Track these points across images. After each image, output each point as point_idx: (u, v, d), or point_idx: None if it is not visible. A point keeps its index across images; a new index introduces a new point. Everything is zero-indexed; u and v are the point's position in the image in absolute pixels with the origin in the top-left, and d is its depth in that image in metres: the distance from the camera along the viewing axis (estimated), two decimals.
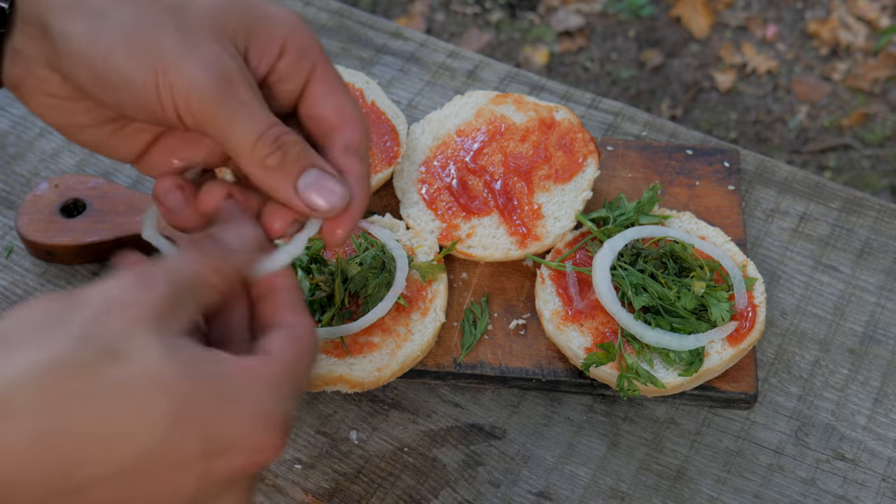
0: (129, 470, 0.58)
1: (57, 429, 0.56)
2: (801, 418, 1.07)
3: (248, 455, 0.62)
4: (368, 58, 1.40)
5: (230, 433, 0.61)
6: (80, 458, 0.57)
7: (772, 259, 1.20)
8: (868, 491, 1.02)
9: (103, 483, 0.58)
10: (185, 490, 0.60)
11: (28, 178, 1.25)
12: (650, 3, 3.27)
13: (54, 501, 0.57)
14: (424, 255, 1.11)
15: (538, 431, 1.06)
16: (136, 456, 0.58)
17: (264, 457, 0.63)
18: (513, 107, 1.23)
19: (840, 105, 3.02)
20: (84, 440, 0.57)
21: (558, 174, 1.17)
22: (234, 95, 0.70)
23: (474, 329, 1.09)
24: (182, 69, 0.69)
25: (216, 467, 0.61)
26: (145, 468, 0.58)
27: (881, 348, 1.13)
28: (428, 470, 1.03)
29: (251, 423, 0.62)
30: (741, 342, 1.04)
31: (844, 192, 1.26)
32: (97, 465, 0.57)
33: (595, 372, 1.03)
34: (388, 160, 1.18)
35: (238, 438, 0.61)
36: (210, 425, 0.60)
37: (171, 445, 0.59)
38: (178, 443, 0.59)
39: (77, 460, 0.57)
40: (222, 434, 0.61)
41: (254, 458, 0.63)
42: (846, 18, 3.22)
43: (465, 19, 3.26)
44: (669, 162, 1.24)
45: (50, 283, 1.16)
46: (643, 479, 1.03)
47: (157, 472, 0.59)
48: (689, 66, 3.12)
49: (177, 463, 0.59)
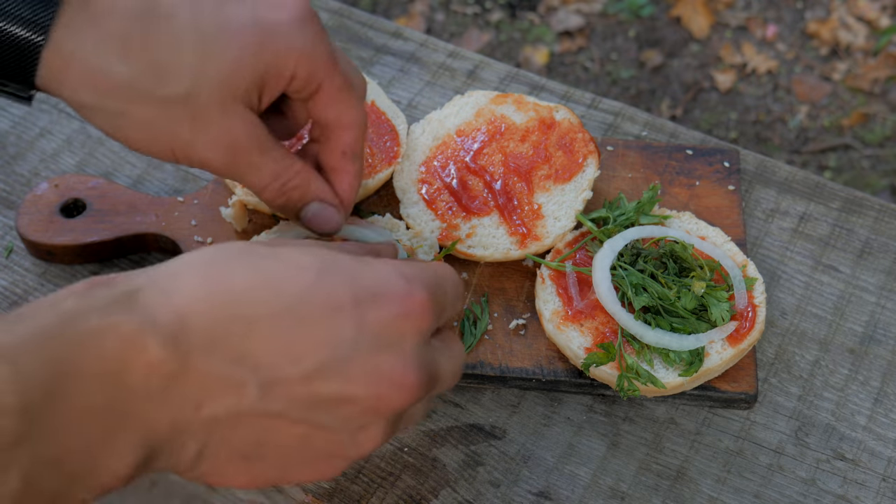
0: (288, 310, 0.65)
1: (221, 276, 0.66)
2: (801, 418, 1.07)
3: (398, 304, 0.68)
4: (368, 58, 1.40)
5: (376, 283, 0.69)
6: (242, 299, 0.65)
7: (772, 259, 1.20)
8: (868, 491, 1.02)
9: (268, 321, 0.65)
10: (346, 334, 0.66)
11: (28, 178, 1.25)
12: (650, 3, 3.27)
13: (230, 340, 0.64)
14: (424, 255, 1.11)
15: (538, 431, 1.06)
16: (292, 297, 0.65)
17: (414, 306, 0.69)
18: (513, 107, 1.23)
19: (840, 105, 3.02)
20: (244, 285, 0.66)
21: (558, 174, 1.17)
22: (242, 160, 0.85)
23: (474, 329, 1.09)
24: (195, 150, 0.83)
25: (370, 316, 0.67)
26: (302, 310, 0.65)
27: (881, 348, 1.13)
28: (428, 470, 1.03)
29: (395, 276, 0.70)
30: (741, 342, 1.04)
31: (844, 192, 1.26)
32: (258, 304, 0.65)
33: (595, 372, 1.03)
34: (388, 160, 1.18)
35: (384, 287, 0.69)
36: (355, 276, 0.69)
37: (323, 290, 0.67)
38: (328, 288, 0.67)
39: (240, 300, 0.65)
40: (368, 284, 0.68)
41: (405, 307, 0.68)
42: (846, 18, 3.22)
43: (465, 19, 3.26)
44: (669, 162, 1.24)
45: (50, 283, 1.16)
46: (643, 479, 1.03)
47: (315, 313, 0.66)
48: (689, 66, 3.12)
49: (332, 306, 0.66)
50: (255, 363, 0.65)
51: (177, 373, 0.62)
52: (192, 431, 0.65)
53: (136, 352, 0.61)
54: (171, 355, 0.62)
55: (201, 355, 0.63)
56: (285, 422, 0.67)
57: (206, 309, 0.65)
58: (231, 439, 0.66)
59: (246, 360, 0.64)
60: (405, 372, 0.68)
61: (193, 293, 0.65)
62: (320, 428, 0.68)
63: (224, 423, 0.65)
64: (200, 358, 0.63)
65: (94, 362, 0.60)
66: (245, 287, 0.66)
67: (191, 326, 0.63)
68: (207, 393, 0.64)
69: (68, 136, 1.30)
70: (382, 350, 0.68)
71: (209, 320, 0.64)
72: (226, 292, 0.66)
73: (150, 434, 0.63)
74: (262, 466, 0.69)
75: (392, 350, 0.68)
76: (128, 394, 0.61)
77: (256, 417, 0.66)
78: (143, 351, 0.61)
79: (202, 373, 0.63)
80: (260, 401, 0.65)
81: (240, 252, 0.69)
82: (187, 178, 1.26)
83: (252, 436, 0.67)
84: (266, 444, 0.68)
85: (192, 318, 0.64)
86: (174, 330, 0.63)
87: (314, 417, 0.67)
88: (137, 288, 0.65)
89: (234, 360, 0.64)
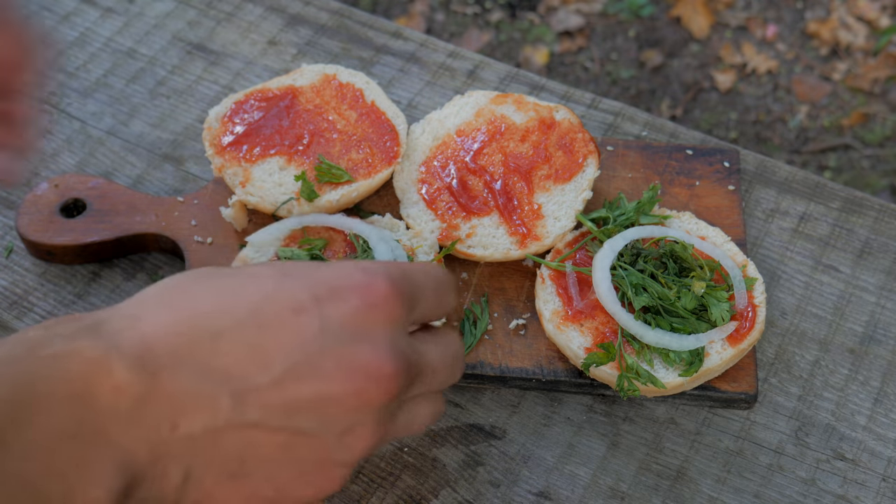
0: (250, 317, 0.65)
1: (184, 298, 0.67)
2: (801, 418, 1.07)
3: (359, 296, 0.68)
4: (368, 58, 1.40)
5: (334, 278, 0.69)
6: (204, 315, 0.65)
7: (772, 259, 1.20)
8: (868, 491, 1.02)
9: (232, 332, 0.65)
10: (311, 332, 0.66)
11: (28, 178, 1.25)
12: (650, 3, 3.27)
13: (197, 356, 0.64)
14: (424, 255, 1.11)
15: (538, 431, 1.06)
16: (253, 304, 0.66)
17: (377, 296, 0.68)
18: (513, 107, 1.23)
19: (840, 105, 3.02)
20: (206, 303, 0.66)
21: (558, 174, 1.17)
22: None
23: (474, 329, 1.09)
24: None
25: (333, 311, 0.67)
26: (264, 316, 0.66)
27: (881, 348, 1.13)
28: (428, 470, 1.03)
29: (354, 269, 0.70)
30: (741, 342, 1.04)
31: (844, 192, 1.26)
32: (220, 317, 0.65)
33: (595, 372, 1.03)
34: (388, 160, 1.18)
35: (343, 281, 0.68)
36: (313, 276, 0.69)
37: (282, 293, 0.67)
38: (287, 291, 0.67)
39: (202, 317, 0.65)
40: (327, 280, 0.68)
41: (367, 298, 0.68)
42: (846, 18, 3.22)
43: (465, 19, 3.26)
44: (669, 162, 1.24)
45: (50, 283, 1.16)
46: (643, 479, 1.03)
47: (278, 317, 0.66)
48: (689, 66, 3.12)
49: (292, 307, 0.66)
50: (225, 375, 0.64)
51: (145, 394, 0.62)
52: (172, 455, 0.64)
53: (101, 374, 0.61)
54: (138, 377, 0.62)
55: (169, 374, 0.63)
56: (264, 431, 0.65)
57: (171, 330, 0.64)
58: (214, 459, 0.65)
59: (215, 373, 0.64)
60: (379, 361, 0.67)
61: (157, 317, 0.65)
62: (302, 434, 0.66)
63: (203, 442, 0.64)
64: (169, 377, 0.63)
65: (60, 384, 0.60)
66: (207, 304, 0.66)
67: (156, 347, 0.63)
68: (180, 411, 0.63)
69: (68, 136, 1.30)
70: (352, 343, 0.66)
71: (174, 340, 0.64)
72: (189, 311, 0.66)
73: (127, 459, 0.62)
74: (252, 485, 0.67)
75: (362, 342, 0.67)
76: (97, 416, 0.60)
77: (234, 430, 0.65)
78: (109, 374, 0.61)
79: (172, 391, 0.63)
80: (234, 412, 0.64)
81: (200, 275, 0.70)
82: (187, 178, 1.26)
83: (234, 451, 0.65)
84: (250, 459, 0.66)
85: (156, 340, 0.64)
86: (139, 352, 0.62)
87: (293, 423, 0.66)
88: (103, 319, 0.65)
89: (202, 375, 0.64)
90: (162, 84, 1.36)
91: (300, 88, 1.24)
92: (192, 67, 1.38)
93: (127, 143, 1.30)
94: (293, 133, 1.20)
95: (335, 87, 1.24)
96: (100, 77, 1.37)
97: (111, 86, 1.36)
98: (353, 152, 1.19)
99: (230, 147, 1.18)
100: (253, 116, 1.21)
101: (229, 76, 1.37)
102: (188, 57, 1.40)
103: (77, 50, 1.40)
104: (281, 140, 1.19)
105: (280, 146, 1.18)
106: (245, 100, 1.22)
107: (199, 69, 1.38)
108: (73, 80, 1.37)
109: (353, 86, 1.25)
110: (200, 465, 0.65)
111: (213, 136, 1.19)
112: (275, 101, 1.22)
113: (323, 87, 1.24)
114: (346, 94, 1.24)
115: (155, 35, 1.42)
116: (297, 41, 1.41)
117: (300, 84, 1.25)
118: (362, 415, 0.67)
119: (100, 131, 1.31)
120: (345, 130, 1.20)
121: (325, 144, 1.19)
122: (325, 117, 1.21)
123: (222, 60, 1.39)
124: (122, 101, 1.34)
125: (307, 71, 1.26)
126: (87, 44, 1.41)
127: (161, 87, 1.36)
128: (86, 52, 1.40)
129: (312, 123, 1.21)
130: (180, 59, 1.39)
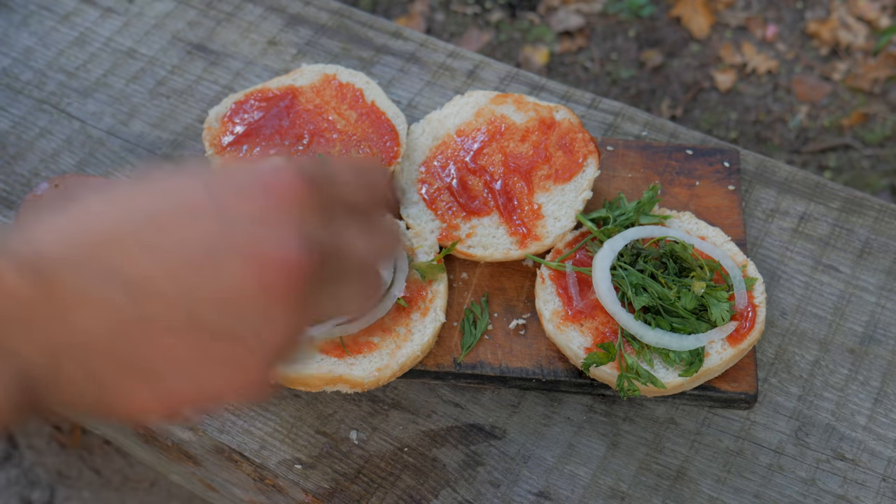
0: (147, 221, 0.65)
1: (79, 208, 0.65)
2: (801, 418, 1.07)
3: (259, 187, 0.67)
4: (368, 58, 1.40)
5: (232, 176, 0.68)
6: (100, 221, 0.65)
7: (772, 259, 1.20)
8: (868, 491, 1.02)
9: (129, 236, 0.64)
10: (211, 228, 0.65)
11: (28, 178, 1.25)
12: (650, 3, 3.27)
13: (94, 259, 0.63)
14: (424, 255, 1.11)
15: (538, 431, 1.06)
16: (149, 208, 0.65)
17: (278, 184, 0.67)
18: (513, 107, 1.23)
19: (840, 105, 3.02)
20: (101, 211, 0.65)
21: (558, 174, 1.17)
22: None
23: (474, 329, 1.09)
24: None
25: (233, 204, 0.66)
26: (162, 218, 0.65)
27: (881, 348, 1.13)
28: (428, 470, 1.03)
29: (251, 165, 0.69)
30: (741, 342, 1.04)
31: (844, 192, 1.26)
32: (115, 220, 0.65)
33: (595, 372, 1.03)
34: (388, 160, 1.18)
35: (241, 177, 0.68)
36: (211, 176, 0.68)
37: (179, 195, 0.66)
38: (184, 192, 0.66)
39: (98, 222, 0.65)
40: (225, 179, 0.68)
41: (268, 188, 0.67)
42: (846, 18, 3.22)
43: (465, 19, 3.26)
44: (669, 162, 1.24)
45: None
46: (643, 479, 1.03)
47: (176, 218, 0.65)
48: (689, 66, 3.12)
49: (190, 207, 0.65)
50: (121, 276, 0.63)
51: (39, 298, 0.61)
52: (69, 354, 0.63)
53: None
54: (30, 281, 0.61)
55: (62, 277, 0.62)
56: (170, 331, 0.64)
57: (65, 236, 0.64)
58: (114, 355, 0.64)
59: (111, 274, 0.63)
60: (283, 249, 0.65)
61: (51, 226, 0.64)
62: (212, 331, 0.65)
63: (100, 338, 0.63)
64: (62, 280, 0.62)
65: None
66: (102, 210, 0.65)
67: (48, 252, 0.63)
68: (77, 313, 0.62)
69: (68, 136, 1.30)
70: (255, 233, 0.65)
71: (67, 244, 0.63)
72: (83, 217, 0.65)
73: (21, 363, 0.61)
74: (168, 385, 0.65)
75: (266, 231, 0.65)
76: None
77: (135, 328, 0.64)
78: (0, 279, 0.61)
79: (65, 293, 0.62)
80: (133, 309, 0.63)
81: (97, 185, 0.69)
82: None
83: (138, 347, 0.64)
84: (159, 359, 0.65)
85: (49, 245, 0.63)
86: (31, 259, 0.62)
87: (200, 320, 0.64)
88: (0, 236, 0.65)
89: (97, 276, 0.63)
90: (162, 84, 1.36)
91: (300, 88, 1.24)
92: (192, 67, 1.38)
93: (127, 143, 1.30)
94: (293, 133, 1.20)
95: (335, 87, 1.24)
96: (100, 77, 1.37)
97: (111, 86, 1.36)
98: (354, 152, 1.19)
99: (230, 147, 1.18)
100: (253, 116, 1.21)
101: (229, 76, 1.37)
102: (188, 57, 1.40)
103: (77, 50, 1.40)
104: (281, 140, 1.19)
105: (280, 146, 1.18)
106: (245, 100, 1.22)
107: (199, 69, 1.38)
108: (73, 80, 1.37)
109: (353, 86, 1.25)
110: (101, 360, 0.64)
111: (213, 136, 1.19)
112: (275, 101, 1.22)
113: (323, 87, 1.24)
114: (346, 94, 1.24)
115: (155, 35, 1.42)
116: (297, 41, 1.41)
117: (300, 84, 1.25)
118: (274, 303, 0.66)
119: (100, 131, 1.31)
120: (345, 130, 1.20)
121: (326, 144, 1.19)
122: (325, 117, 1.21)
123: (222, 60, 1.39)
124: (122, 101, 1.34)
125: (307, 71, 1.26)
126: (87, 44, 1.41)
127: (161, 87, 1.36)
128: (86, 52, 1.40)
129: (312, 123, 1.21)
130: (180, 59, 1.39)
